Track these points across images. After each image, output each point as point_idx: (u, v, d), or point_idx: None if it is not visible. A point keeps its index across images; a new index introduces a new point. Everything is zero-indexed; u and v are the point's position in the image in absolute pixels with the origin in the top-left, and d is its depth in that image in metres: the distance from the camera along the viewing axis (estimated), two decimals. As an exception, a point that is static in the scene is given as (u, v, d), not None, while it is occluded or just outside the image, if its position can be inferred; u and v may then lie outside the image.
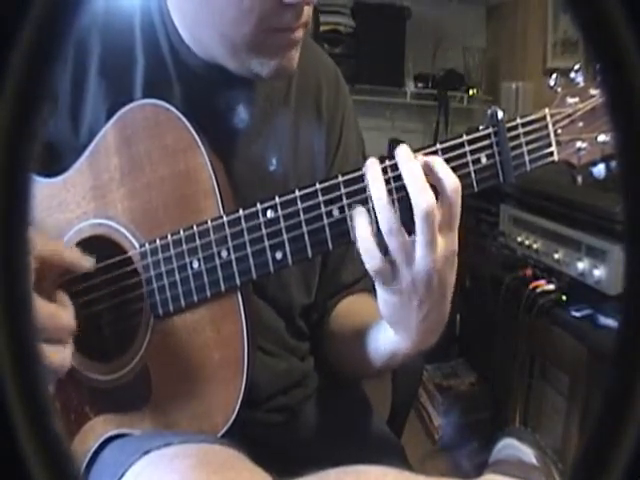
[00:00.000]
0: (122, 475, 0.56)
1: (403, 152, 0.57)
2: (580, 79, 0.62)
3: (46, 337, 0.53)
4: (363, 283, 0.80)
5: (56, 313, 0.55)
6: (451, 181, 0.55)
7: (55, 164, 0.68)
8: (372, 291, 0.62)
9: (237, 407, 0.62)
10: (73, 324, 0.57)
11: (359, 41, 2.66)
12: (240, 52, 0.63)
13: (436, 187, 0.56)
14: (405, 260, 0.56)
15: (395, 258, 0.56)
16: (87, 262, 0.61)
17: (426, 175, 0.56)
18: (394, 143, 2.45)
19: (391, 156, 0.59)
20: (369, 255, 0.56)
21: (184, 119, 0.64)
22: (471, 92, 2.79)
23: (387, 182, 0.57)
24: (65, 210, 0.67)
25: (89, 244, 0.66)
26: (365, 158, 0.85)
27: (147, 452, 0.56)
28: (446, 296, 0.60)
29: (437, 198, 0.55)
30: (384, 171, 0.58)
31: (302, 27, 0.64)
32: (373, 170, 0.57)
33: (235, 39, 0.62)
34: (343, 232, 0.59)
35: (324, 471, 0.55)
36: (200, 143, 0.64)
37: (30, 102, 0.24)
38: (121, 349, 0.66)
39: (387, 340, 0.66)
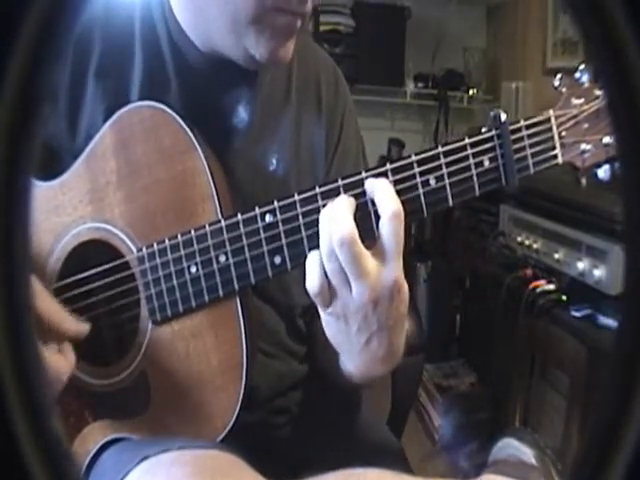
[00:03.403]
0: None
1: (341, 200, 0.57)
2: (585, 79, 0.61)
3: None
4: None
5: (54, 363, 0.56)
6: (390, 207, 0.54)
7: (52, 167, 0.67)
8: None
9: (236, 412, 0.62)
10: (68, 374, 0.57)
11: (359, 41, 2.66)
12: (240, 26, 0.62)
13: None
14: (341, 285, 0.55)
15: (332, 281, 0.56)
16: (82, 328, 0.60)
17: (372, 199, 0.56)
18: (394, 143, 2.45)
19: (390, 158, 0.59)
20: (310, 275, 0.56)
21: (181, 121, 0.64)
22: (471, 92, 2.79)
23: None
24: (62, 214, 0.67)
25: (86, 248, 0.66)
26: (364, 154, 0.85)
27: (145, 458, 0.56)
28: (391, 328, 0.59)
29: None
30: (385, 175, 0.58)
31: (302, 17, 0.64)
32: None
33: (237, 10, 0.61)
34: None
35: (324, 474, 0.55)
36: (198, 146, 0.63)
37: (30, 103, 0.24)
38: (119, 354, 0.66)
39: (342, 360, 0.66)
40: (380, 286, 0.55)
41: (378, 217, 0.56)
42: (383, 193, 0.55)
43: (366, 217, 0.56)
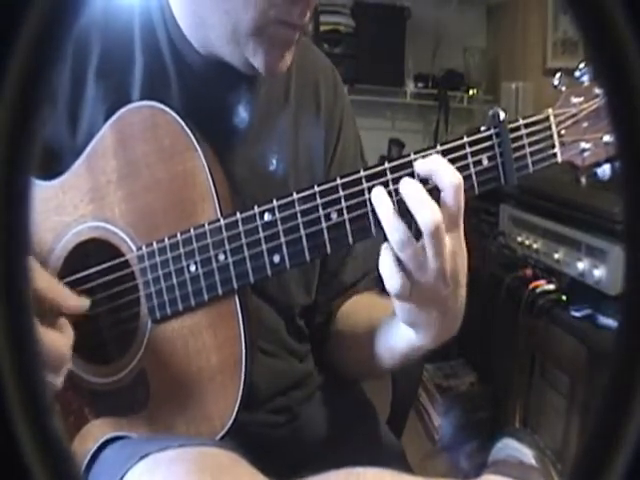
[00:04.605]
0: (121, 478, 0.56)
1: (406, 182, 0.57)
2: (585, 77, 0.61)
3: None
4: (366, 281, 0.80)
5: (53, 341, 0.55)
6: (451, 177, 0.55)
7: (52, 166, 0.67)
8: (377, 288, 0.62)
9: (235, 411, 0.62)
10: (69, 353, 0.56)
11: (359, 41, 2.66)
12: (239, 36, 0.63)
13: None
14: (418, 268, 0.56)
15: (408, 267, 0.56)
16: (82, 303, 0.59)
17: (428, 178, 0.56)
18: (394, 143, 2.45)
19: (391, 157, 0.59)
20: (389, 277, 0.56)
21: (181, 121, 0.64)
22: (471, 92, 2.79)
23: (386, 184, 0.57)
24: (62, 213, 0.67)
25: (87, 247, 0.66)
26: (363, 156, 0.85)
27: (145, 455, 0.56)
28: (460, 284, 0.59)
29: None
30: (384, 174, 0.58)
31: (302, 28, 0.64)
32: (377, 189, 0.57)
33: (238, 21, 0.61)
34: (341, 235, 0.59)
35: (324, 473, 0.55)
36: (197, 145, 0.63)
37: (30, 103, 0.24)
38: (119, 352, 0.66)
39: (405, 338, 0.65)
40: (453, 252, 0.56)
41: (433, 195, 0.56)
42: (444, 167, 0.55)
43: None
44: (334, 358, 0.82)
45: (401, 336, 0.66)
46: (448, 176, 0.55)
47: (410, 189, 0.56)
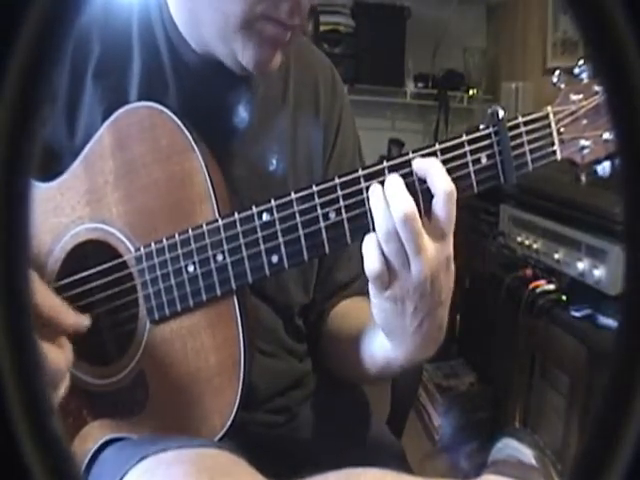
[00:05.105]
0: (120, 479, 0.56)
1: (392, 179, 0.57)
2: (584, 75, 0.60)
3: None
4: (359, 285, 0.80)
5: (52, 357, 0.54)
6: (444, 185, 0.55)
7: (52, 167, 0.67)
8: (368, 294, 0.62)
9: (234, 411, 0.62)
10: (67, 369, 0.55)
11: (359, 41, 2.67)
12: (229, 32, 0.63)
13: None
14: (401, 265, 0.56)
15: (392, 263, 0.56)
16: (81, 321, 0.58)
17: (423, 178, 0.56)
18: (394, 143, 2.45)
19: (390, 157, 0.59)
20: (369, 258, 0.56)
21: (179, 121, 0.64)
22: (471, 92, 2.79)
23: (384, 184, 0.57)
24: (60, 214, 0.67)
25: (85, 248, 0.66)
26: (361, 155, 0.85)
27: (144, 457, 0.56)
28: (442, 303, 0.59)
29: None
30: (382, 173, 0.58)
31: (293, 29, 0.64)
32: (374, 187, 0.58)
33: (228, 16, 0.62)
34: (340, 235, 0.59)
35: (323, 473, 0.55)
36: (195, 146, 0.63)
37: (30, 103, 0.24)
38: (118, 353, 0.66)
39: (382, 348, 0.65)
40: (436, 262, 0.56)
41: (427, 196, 0.56)
42: (438, 172, 0.56)
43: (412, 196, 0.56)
44: (326, 359, 0.82)
45: (379, 344, 0.66)
46: (441, 182, 0.55)
47: (389, 182, 0.56)
